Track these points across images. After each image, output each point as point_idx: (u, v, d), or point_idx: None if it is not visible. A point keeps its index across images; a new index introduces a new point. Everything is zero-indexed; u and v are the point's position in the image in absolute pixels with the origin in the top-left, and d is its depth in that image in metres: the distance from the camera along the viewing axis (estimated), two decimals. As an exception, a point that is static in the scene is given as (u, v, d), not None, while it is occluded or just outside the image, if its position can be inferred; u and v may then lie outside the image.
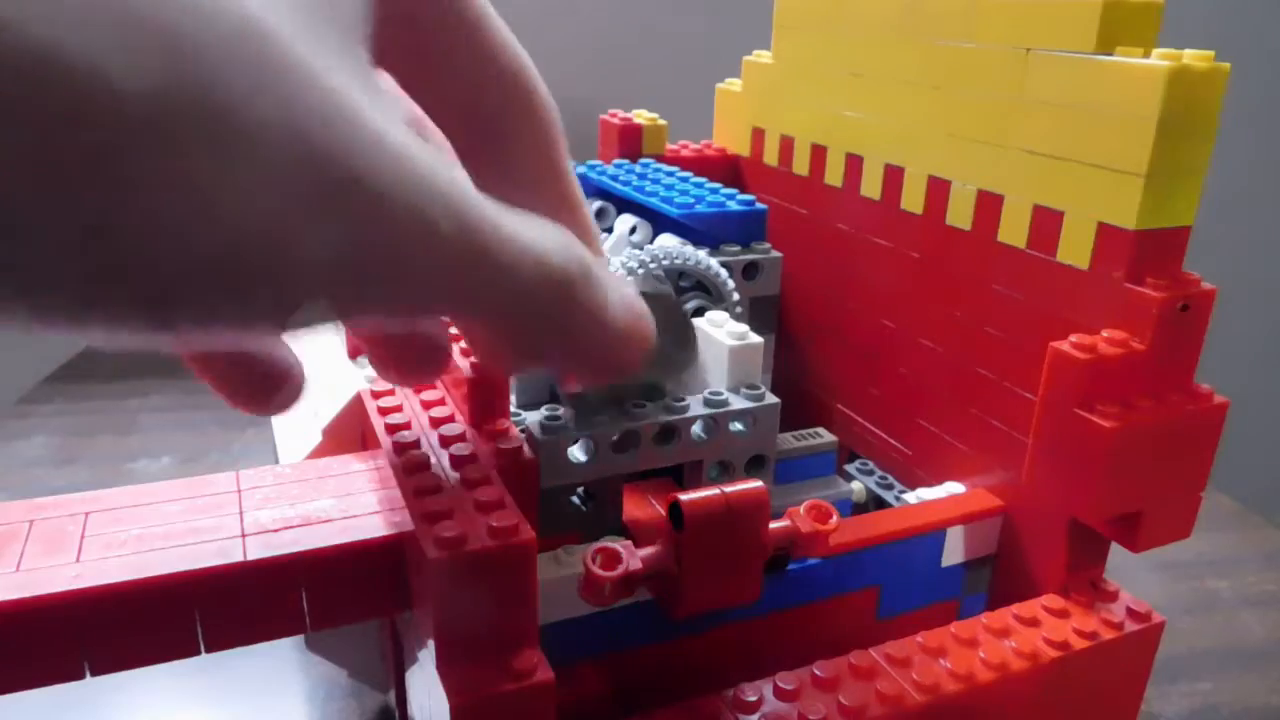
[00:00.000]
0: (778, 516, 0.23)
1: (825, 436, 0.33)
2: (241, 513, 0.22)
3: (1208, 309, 0.24)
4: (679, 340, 0.25)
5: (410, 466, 0.21)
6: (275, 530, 0.21)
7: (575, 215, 0.19)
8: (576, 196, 0.19)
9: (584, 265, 0.16)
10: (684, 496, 0.21)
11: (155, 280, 0.11)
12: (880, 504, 0.32)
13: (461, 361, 0.24)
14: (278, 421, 0.29)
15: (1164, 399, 0.24)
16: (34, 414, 0.57)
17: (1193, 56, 0.23)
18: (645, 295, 0.20)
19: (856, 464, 0.34)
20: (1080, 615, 0.25)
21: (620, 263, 0.27)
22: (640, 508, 0.25)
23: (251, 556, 0.20)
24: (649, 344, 0.18)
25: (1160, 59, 0.22)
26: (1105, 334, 0.24)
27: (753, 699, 0.22)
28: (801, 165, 0.36)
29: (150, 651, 0.20)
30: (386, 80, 0.18)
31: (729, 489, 0.21)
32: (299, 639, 0.30)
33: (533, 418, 0.23)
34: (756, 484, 0.21)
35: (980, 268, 0.28)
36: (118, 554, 0.20)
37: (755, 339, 0.25)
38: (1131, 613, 0.26)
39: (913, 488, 0.32)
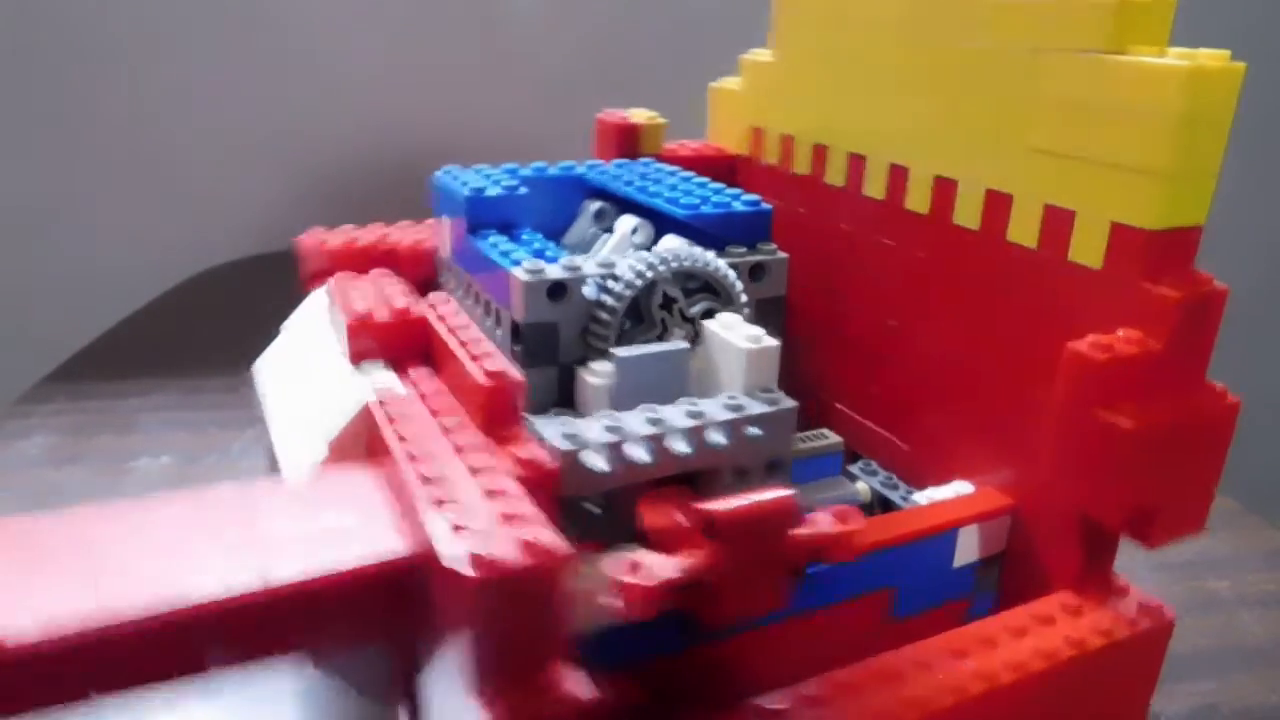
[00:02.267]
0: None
1: (831, 438, 0.33)
2: (249, 527, 0.21)
3: (1219, 308, 0.24)
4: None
5: (427, 479, 0.21)
6: (286, 547, 0.21)
7: None
8: None
9: None
10: (716, 506, 0.20)
11: None
12: (886, 504, 0.32)
13: (472, 367, 0.24)
14: (275, 429, 0.28)
15: (1180, 398, 0.24)
16: (34, 413, 0.56)
17: (1208, 56, 0.23)
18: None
19: (860, 465, 0.34)
20: (1095, 612, 0.26)
21: (629, 265, 0.27)
22: (656, 516, 0.25)
23: (264, 574, 0.20)
24: None
25: (1178, 59, 0.22)
26: (1121, 333, 0.24)
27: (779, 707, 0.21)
28: (802, 165, 0.36)
29: (156, 672, 0.19)
30: None
31: (759, 497, 0.21)
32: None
33: (549, 425, 0.23)
34: (787, 492, 0.21)
35: (988, 267, 0.28)
36: (127, 573, 0.20)
37: (771, 342, 0.25)
38: (1144, 608, 0.26)
39: (919, 487, 0.32)
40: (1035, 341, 0.27)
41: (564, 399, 0.28)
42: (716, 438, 0.24)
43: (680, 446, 0.23)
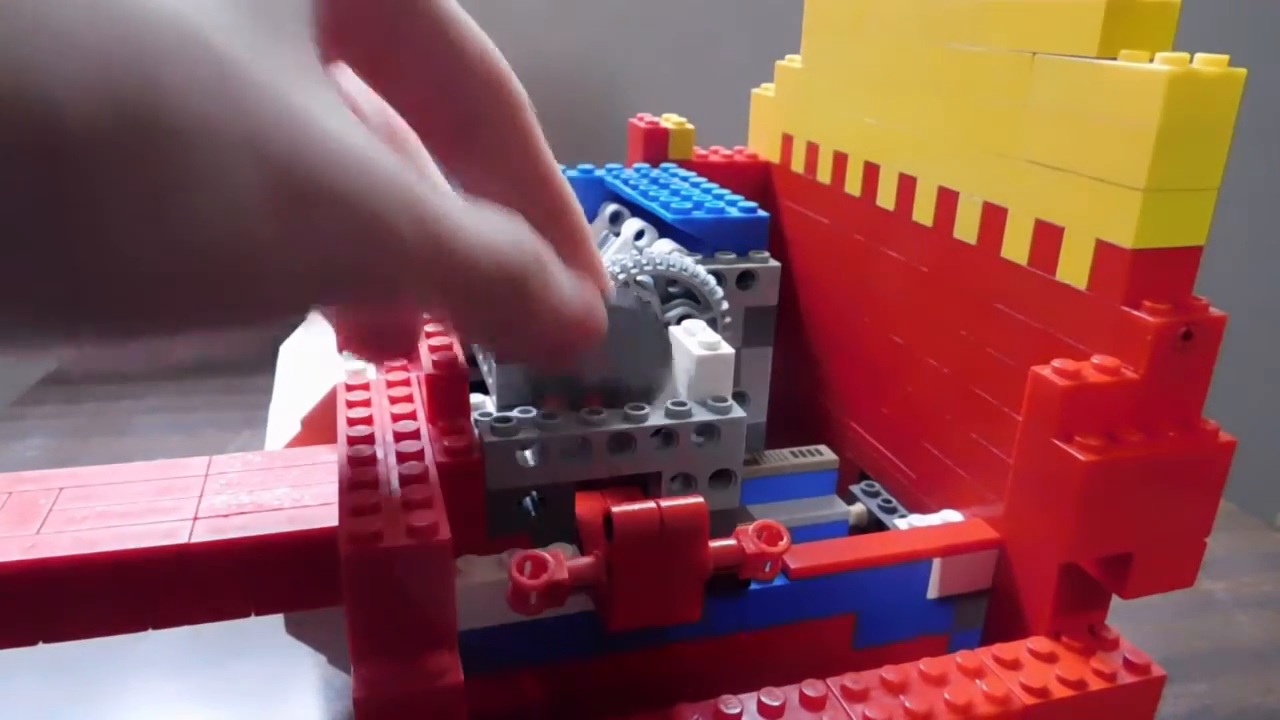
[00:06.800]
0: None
1: (826, 455, 0.32)
2: (201, 496, 0.23)
3: (1216, 338, 0.22)
4: (650, 351, 0.25)
5: (355, 460, 0.22)
6: (226, 515, 0.22)
7: (555, 202, 0.19)
8: (557, 185, 0.20)
9: (538, 258, 0.17)
10: (617, 508, 0.20)
11: (118, 300, 0.11)
12: (880, 528, 0.31)
13: (425, 356, 0.24)
14: (272, 406, 0.30)
15: (1158, 434, 0.22)
16: (29, 416, 0.56)
17: (1203, 61, 0.21)
18: (611, 308, 0.20)
19: (862, 485, 0.33)
20: (1068, 661, 0.24)
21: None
22: (588, 514, 0.25)
23: (195, 539, 0.21)
24: (598, 335, 0.19)
25: (1164, 64, 0.21)
26: (1096, 359, 0.22)
27: (734, 710, 0.21)
28: (824, 173, 0.35)
29: (97, 624, 0.21)
30: (347, 77, 0.18)
31: (665, 503, 0.20)
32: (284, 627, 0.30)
33: (486, 418, 0.23)
34: (696, 499, 0.20)
35: (984, 285, 0.27)
36: (76, 529, 0.21)
37: (726, 350, 0.25)
38: (1128, 664, 0.24)
39: (922, 513, 0.30)
40: (1024, 365, 0.25)
41: (538, 397, 0.28)
42: (654, 443, 0.24)
43: (612, 448, 0.23)
